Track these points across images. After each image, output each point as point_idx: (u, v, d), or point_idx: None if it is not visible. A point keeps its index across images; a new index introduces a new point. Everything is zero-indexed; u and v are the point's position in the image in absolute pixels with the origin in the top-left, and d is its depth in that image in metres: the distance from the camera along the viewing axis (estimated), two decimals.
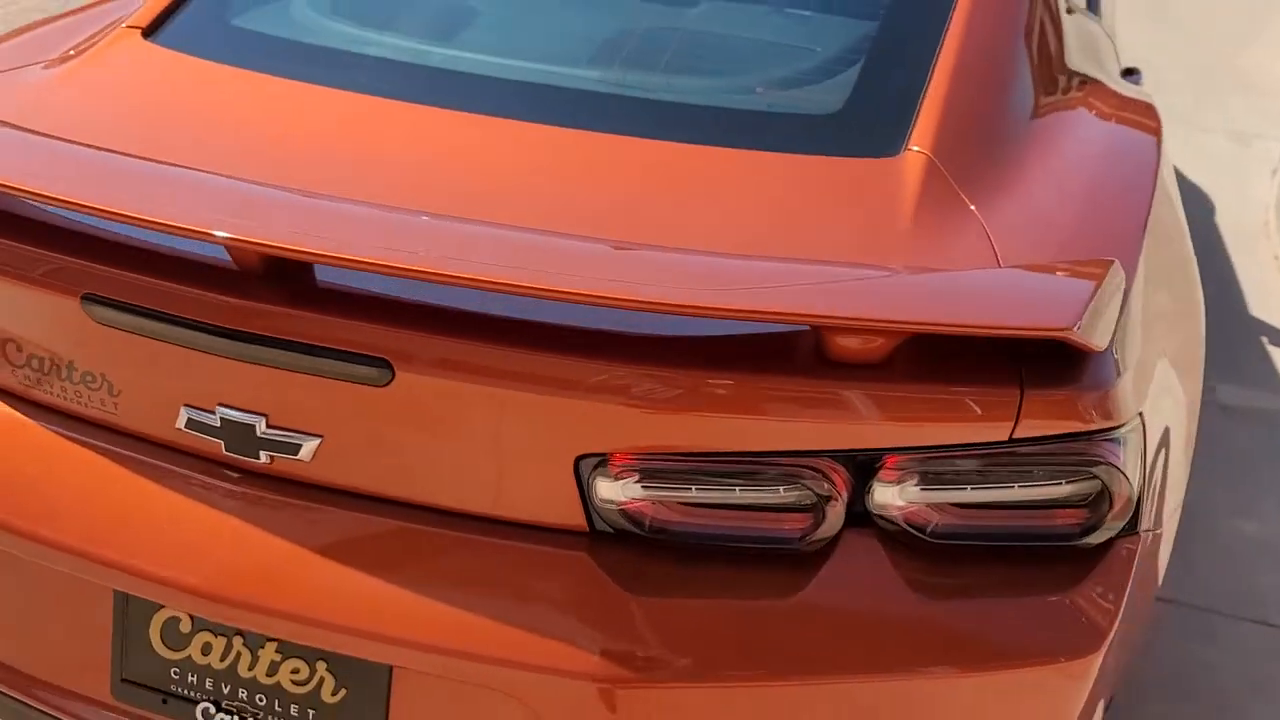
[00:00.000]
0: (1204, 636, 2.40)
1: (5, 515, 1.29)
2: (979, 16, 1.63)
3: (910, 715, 1.16)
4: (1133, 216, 1.43)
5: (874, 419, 1.10)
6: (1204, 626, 2.41)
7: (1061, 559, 1.19)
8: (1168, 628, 2.39)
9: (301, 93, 1.53)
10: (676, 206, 1.34)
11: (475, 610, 1.15)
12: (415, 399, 1.12)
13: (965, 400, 1.10)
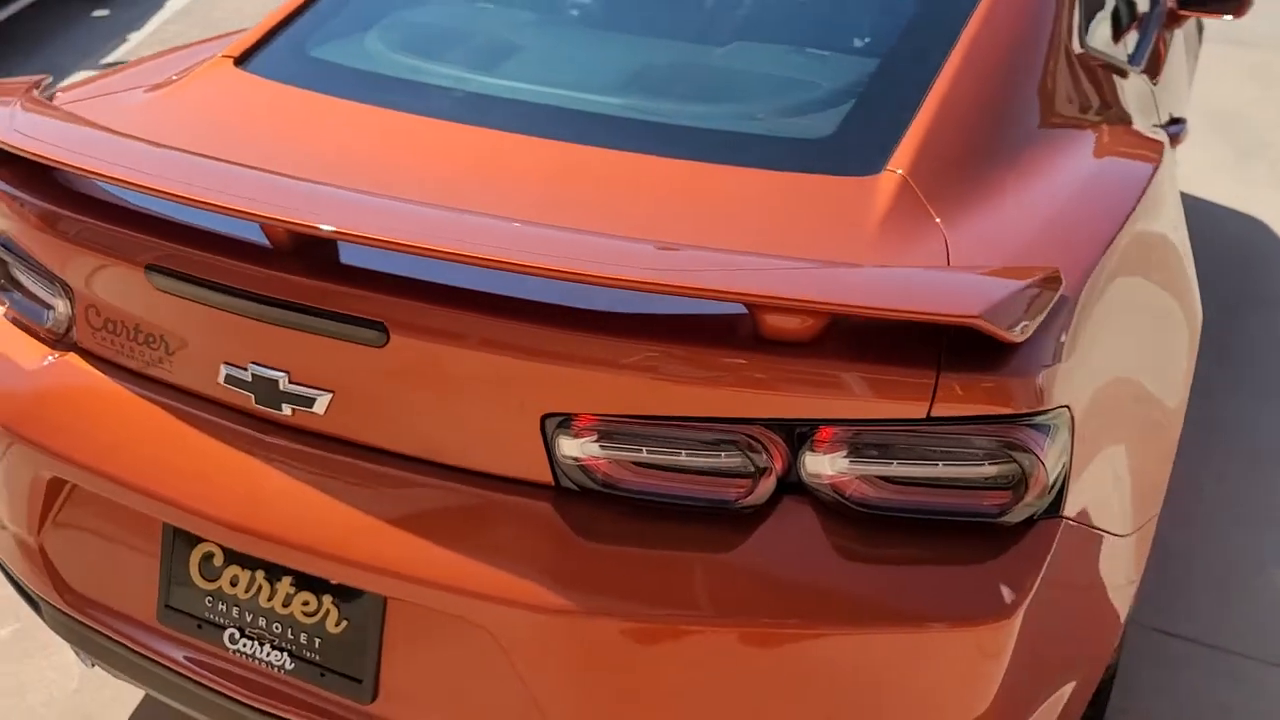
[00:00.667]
0: (1229, 680, 2.41)
1: (83, 455, 1.51)
2: (976, 58, 1.77)
3: (828, 668, 1.27)
4: (1097, 236, 1.54)
5: (802, 392, 1.24)
6: (1231, 670, 2.42)
7: (983, 535, 1.30)
8: (1193, 669, 2.41)
9: (358, 110, 1.76)
10: (668, 209, 1.51)
11: (453, 549, 1.32)
12: (406, 359, 1.31)
13: (885, 378, 1.23)
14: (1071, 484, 1.35)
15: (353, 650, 1.42)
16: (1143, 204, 1.71)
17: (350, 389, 1.36)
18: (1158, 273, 1.74)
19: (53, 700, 2.22)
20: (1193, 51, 3.78)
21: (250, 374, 1.39)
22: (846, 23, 1.96)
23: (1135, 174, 1.76)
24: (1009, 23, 1.86)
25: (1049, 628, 1.39)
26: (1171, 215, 1.88)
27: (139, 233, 1.42)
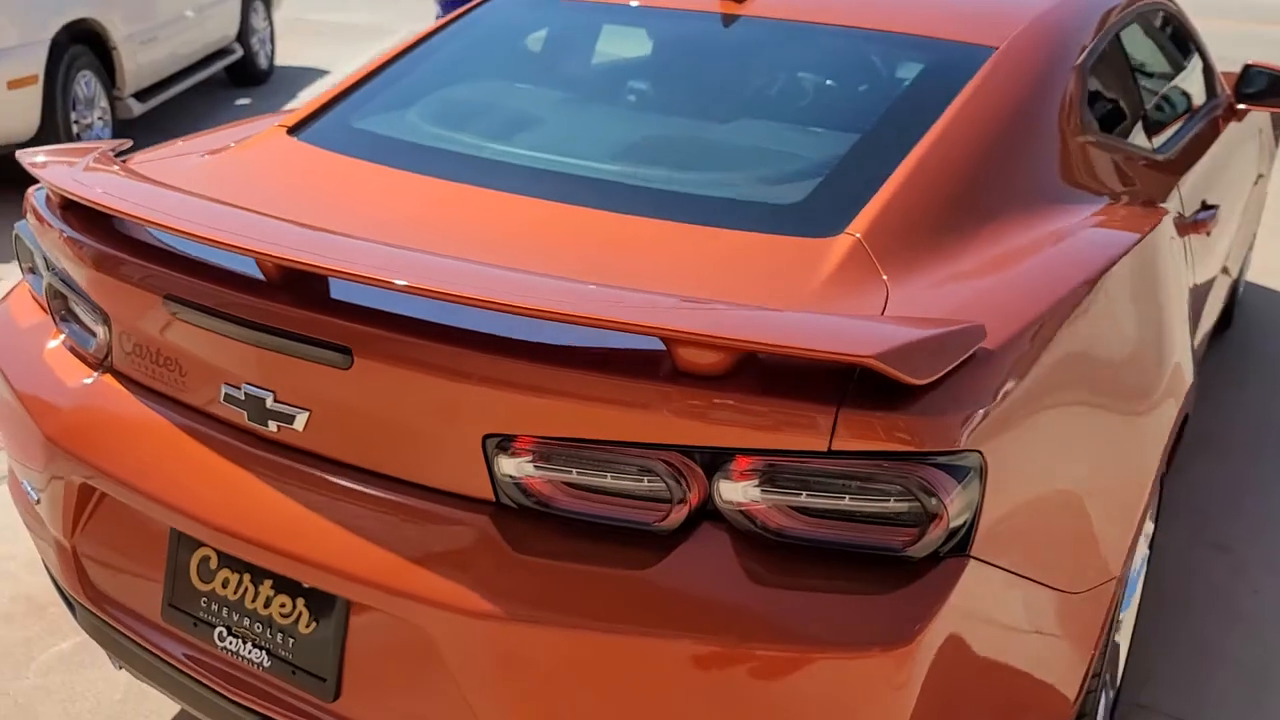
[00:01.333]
0: None
1: (108, 464, 1.70)
2: (949, 139, 1.88)
3: (733, 684, 1.35)
4: (1039, 301, 1.62)
5: (713, 422, 1.35)
6: None
7: (889, 568, 1.37)
8: None
9: (380, 171, 1.96)
10: (642, 263, 1.65)
11: (402, 556, 1.45)
12: (369, 381, 1.46)
13: (788, 411, 1.32)
14: (987, 527, 1.41)
15: (319, 650, 1.56)
16: (1110, 274, 1.77)
17: (324, 408, 1.52)
18: (1123, 337, 1.79)
19: (98, 708, 2.41)
20: (1264, 148, 3.77)
21: (244, 393, 1.57)
22: (835, 103, 2.09)
23: (1100, 247, 1.83)
24: (986, 109, 1.96)
25: (973, 671, 1.44)
26: (1152, 286, 1.92)
27: (161, 267, 1.62)
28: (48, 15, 5.61)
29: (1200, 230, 2.61)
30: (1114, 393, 1.74)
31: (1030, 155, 2.01)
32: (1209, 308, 3.31)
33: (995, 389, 1.44)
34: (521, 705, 1.41)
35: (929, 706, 1.39)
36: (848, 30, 2.23)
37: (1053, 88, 2.14)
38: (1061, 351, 1.61)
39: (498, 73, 2.41)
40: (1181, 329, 2.08)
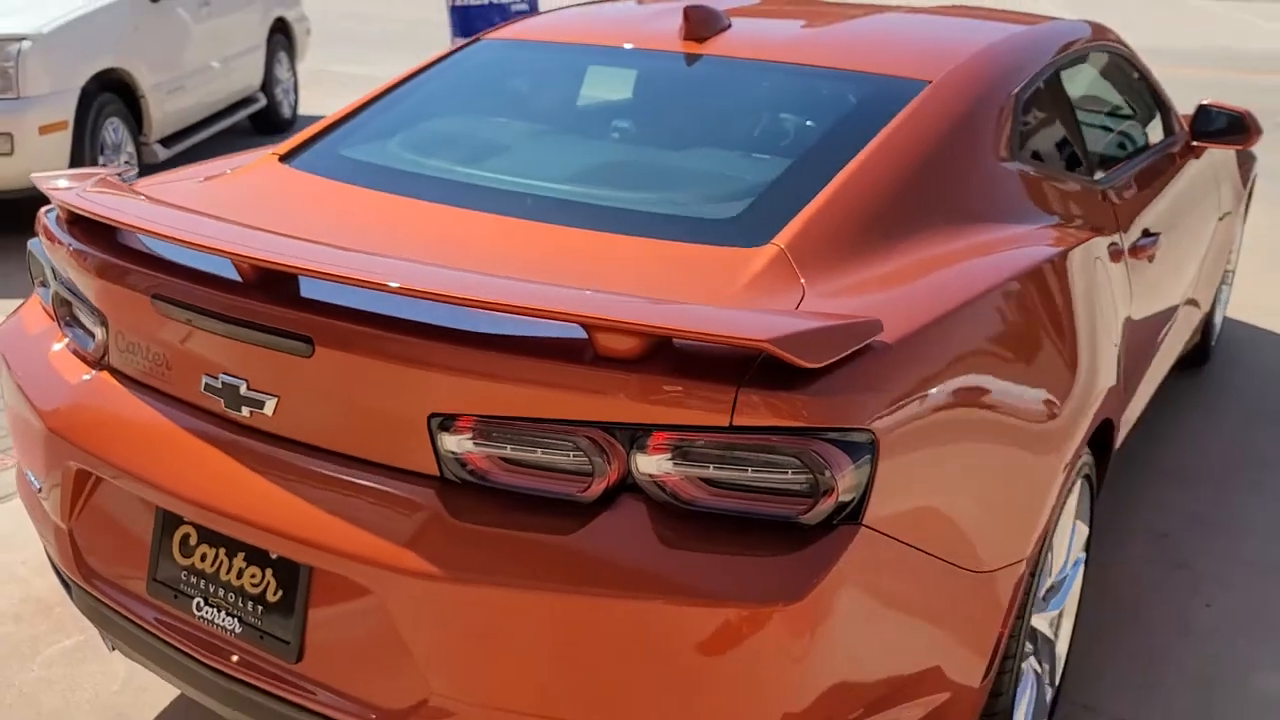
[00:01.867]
0: None
1: (103, 451, 1.88)
2: (874, 163, 2.06)
3: (645, 637, 1.50)
4: (942, 302, 1.78)
5: (628, 401, 1.51)
6: None
7: (787, 534, 1.52)
8: None
9: (361, 193, 2.15)
10: (586, 268, 1.82)
11: (356, 526, 1.62)
12: (328, 368, 1.64)
13: (693, 391, 1.49)
14: (881, 501, 1.55)
15: (284, 616, 1.72)
16: (1014, 285, 1.93)
17: (290, 394, 1.69)
18: (1026, 341, 1.94)
19: (96, 698, 2.57)
20: (1232, 187, 3.92)
21: (221, 382, 1.75)
22: (776, 132, 2.28)
23: (1009, 262, 1.99)
24: (913, 137, 2.14)
25: (872, 633, 1.58)
26: (1063, 298, 2.08)
27: (151, 270, 1.81)
28: (79, 65, 5.91)
29: (1141, 255, 2.76)
30: (1015, 391, 1.89)
31: (955, 179, 2.18)
32: (1172, 333, 3.45)
33: (889, 376, 1.59)
34: (460, 658, 1.57)
35: (826, 661, 1.53)
36: (795, 67, 2.42)
37: (983, 119, 2.31)
38: (961, 349, 1.77)
39: (470, 107, 2.61)
40: (1104, 339, 2.23)
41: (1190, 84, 12.05)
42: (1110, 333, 2.32)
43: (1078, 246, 2.23)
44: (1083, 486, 2.29)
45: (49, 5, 6.03)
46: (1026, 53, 2.58)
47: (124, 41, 6.31)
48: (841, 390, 1.52)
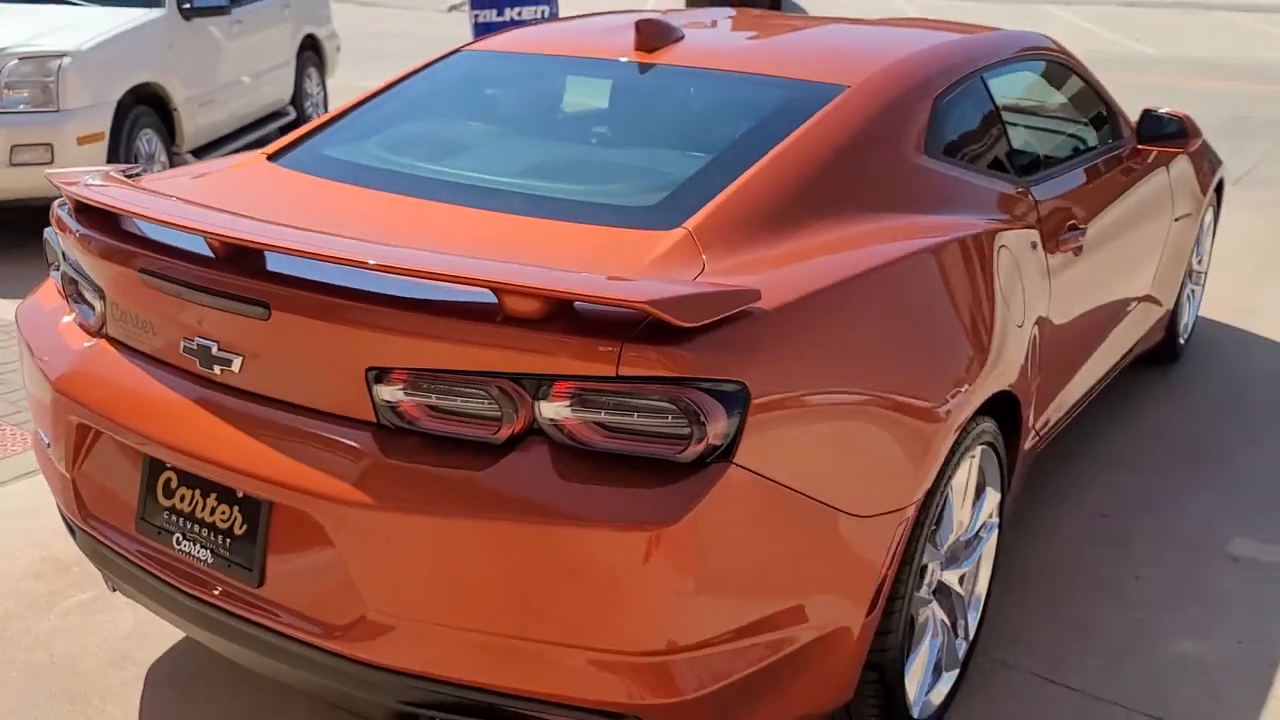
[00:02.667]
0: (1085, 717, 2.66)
1: (100, 406, 2.16)
2: (783, 159, 2.31)
3: (547, 555, 1.75)
4: (827, 278, 2.02)
5: (533, 355, 1.76)
6: (1097, 714, 2.68)
7: (666, 470, 1.76)
8: (1059, 708, 2.68)
9: (335, 187, 2.43)
10: (519, 247, 2.08)
11: (306, 465, 1.88)
12: (281, 329, 1.91)
13: (585, 345, 1.74)
14: (753, 443, 1.79)
15: (248, 546, 1.99)
16: (901, 264, 2.17)
17: (252, 353, 1.97)
18: (911, 312, 2.17)
19: (104, 643, 2.85)
20: (1182, 188, 4.11)
21: (196, 344, 2.03)
22: (704, 132, 2.53)
23: (903, 245, 2.23)
24: (824, 136, 2.39)
25: (749, 562, 1.82)
26: (954, 279, 2.31)
27: (140, 249, 2.10)
28: (115, 79, 6.27)
29: (1065, 248, 2.98)
30: (892, 358, 2.11)
31: (866, 174, 2.42)
32: (1124, 327, 3.66)
33: (764, 337, 1.84)
34: (391, 579, 1.83)
35: (700, 579, 1.77)
36: (730, 74, 2.68)
37: (898, 120, 2.55)
38: (840, 319, 2.01)
39: (441, 111, 2.89)
40: (1005, 320, 2.45)
41: (1223, 95, 12.17)
42: (1014, 314, 2.54)
43: (978, 234, 2.46)
44: (985, 453, 2.51)
45: (90, 24, 6.41)
46: (949, 61, 2.81)
47: (159, 58, 6.68)
48: (715, 347, 1.77)
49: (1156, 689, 2.75)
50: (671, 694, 1.82)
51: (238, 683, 2.70)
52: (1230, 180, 8.45)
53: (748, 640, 1.89)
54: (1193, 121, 3.71)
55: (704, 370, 1.75)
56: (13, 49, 5.91)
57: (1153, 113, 3.71)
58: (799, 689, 2.02)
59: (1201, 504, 3.66)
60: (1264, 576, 3.26)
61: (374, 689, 1.93)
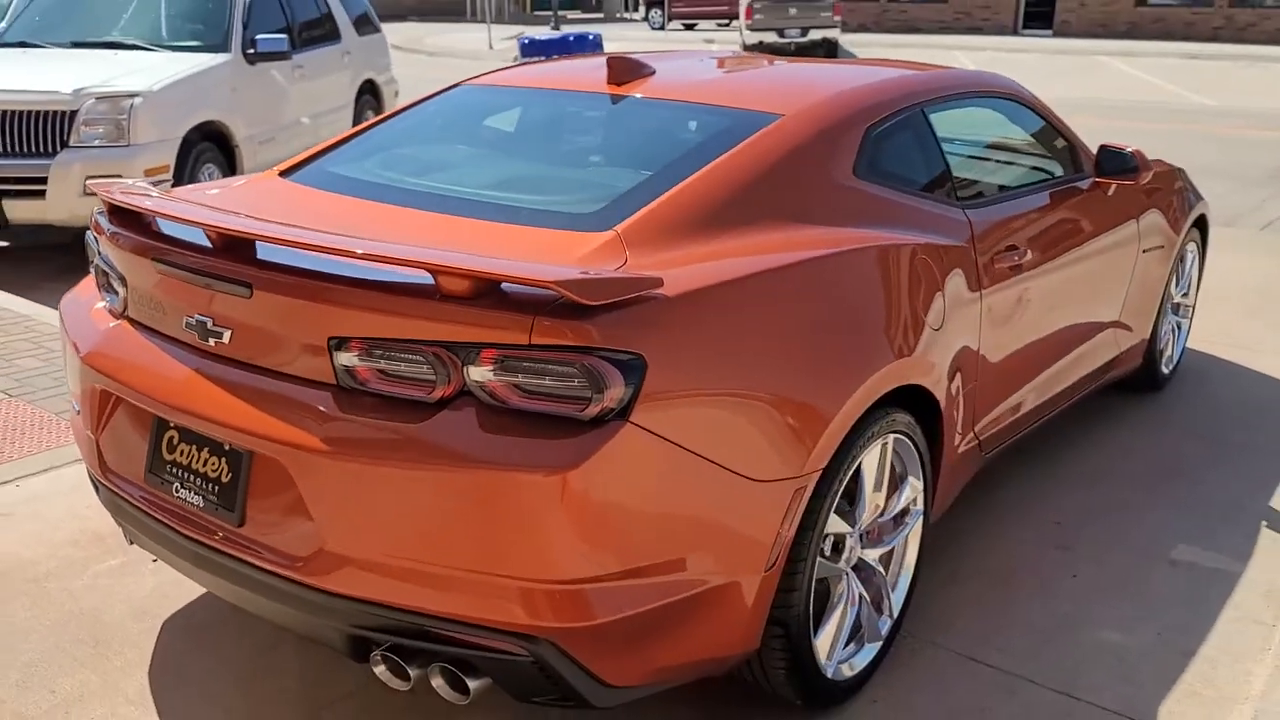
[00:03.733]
0: (1004, 692, 2.90)
1: (120, 372, 2.54)
2: (712, 176, 2.63)
3: (465, 495, 2.07)
4: (730, 273, 2.34)
5: (463, 327, 2.10)
6: (1010, 686, 2.92)
7: (572, 426, 2.08)
8: (976, 682, 2.92)
9: (331, 197, 2.81)
10: (472, 244, 2.43)
11: (279, 419, 2.24)
12: (261, 305, 2.27)
13: (504, 318, 2.07)
14: (650, 406, 2.11)
15: (232, 491, 2.34)
16: (807, 264, 2.48)
17: (238, 326, 2.34)
18: (808, 307, 2.47)
19: (128, 600, 3.23)
20: (1150, 220, 4.34)
21: (195, 320, 2.40)
22: (650, 151, 2.86)
23: (812, 251, 2.53)
24: (752, 158, 2.71)
25: (642, 511, 2.13)
26: (853, 282, 2.60)
27: (154, 242, 2.49)
28: (182, 118, 6.82)
29: (1001, 265, 3.25)
30: (787, 344, 2.38)
31: (791, 190, 2.73)
32: (1085, 350, 3.90)
33: (663, 317, 2.16)
34: (341, 513, 2.16)
35: (597, 519, 2.07)
36: (682, 104, 3.02)
37: (827, 145, 2.86)
38: (740, 307, 2.32)
39: (433, 135, 3.27)
40: (912, 320, 2.74)
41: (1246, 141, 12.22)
42: (930, 319, 2.82)
43: (895, 246, 2.75)
44: (900, 443, 2.78)
45: (161, 67, 6.99)
46: (885, 96, 3.13)
47: (223, 99, 7.23)
48: (615, 323, 2.09)
49: (1070, 670, 2.98)
50: (576, 620, 2.12)
51: (238, 635, 3.06)
52: (1258, 225, 8.58)
53: (647, 579, 2.19)
54: (1144, 156, 3.96)
55: (603, 341, 2.08)
56: (91, 89, 6.49)
57: (1109, 148, 3.96)
58: (700, 631, 2.31)
59: (1154, 516, 3.86)
60: (1199, 579, 3.46)
61: (331, 615, 2.26)
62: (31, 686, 2.85)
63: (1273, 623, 3.22)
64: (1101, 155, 3.97)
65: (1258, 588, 3.41)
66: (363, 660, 2.31)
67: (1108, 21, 29.38)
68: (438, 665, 2.24)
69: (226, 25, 7.60)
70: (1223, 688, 2.92)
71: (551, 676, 2.19)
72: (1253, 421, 4.70)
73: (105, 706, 2.77)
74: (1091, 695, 2.88)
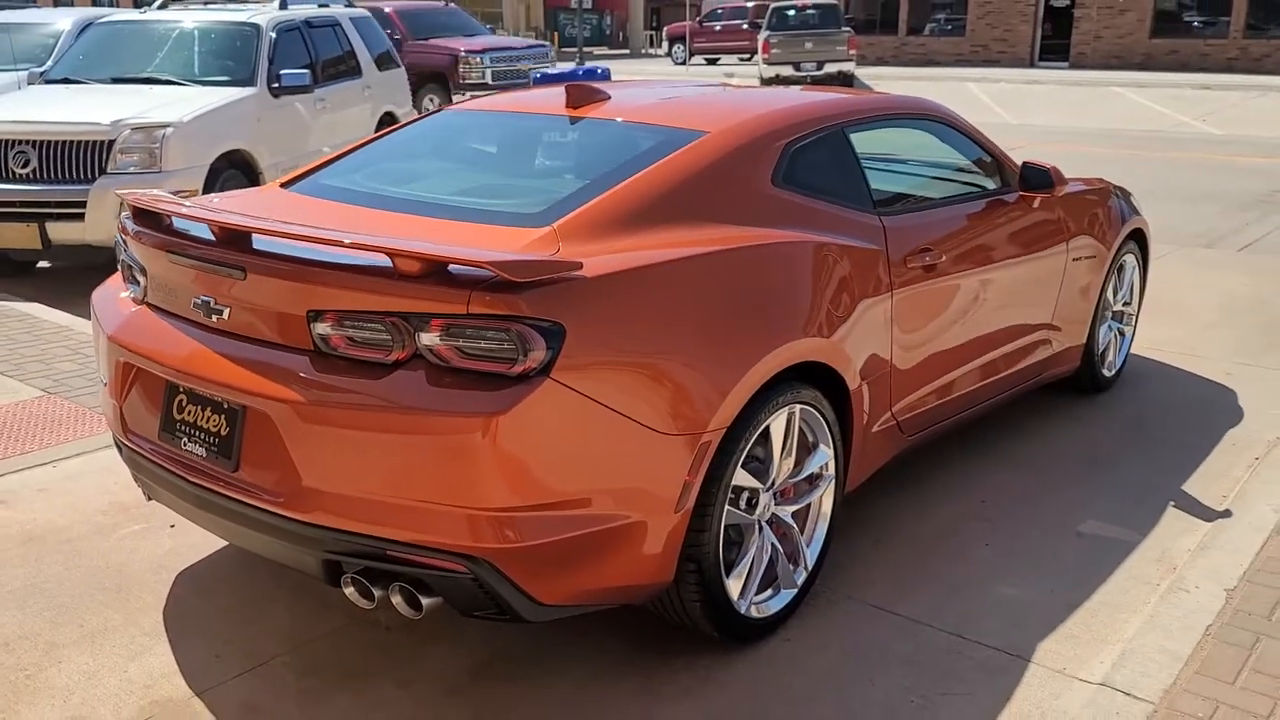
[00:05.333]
0: (903, 635, 3.31)
1: (140, 347, 3.03)
2: (643, 182, 3.10)
3: (415, 435, 2.53)
4: (644, 260, 2.79)
5: (411, 299, 2.57)
6: (909, 630, 3.32)
7: (502, 381, 2.54)
8: (881, 627, 3.33)
9: (320, 202, 3.30)
10: (431, 238, 2.91)
11: (266, 378, 2.71)
12: (253, 286, 2.76)
13: (447, 292, 2.54)
14: (568, 365, 2.56)
15: (229, 443, 2.81)
16: (715, 255, 2.94)
17: (235, 304, 2.82)
18: (712, 290, 2.91)
19: (149, 558, 3.71)
20: (1078, 231, 4.76)
21: (200, 300, 2.88)
22: (593, 162, 3.34)
23: (723, 245, 2.99)
24: (677, 168, 3.17)
25: (563, 455, 2.58)
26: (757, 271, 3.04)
27: (168, 237, 2.98)
28: (209, 146, 7.38)
29: (913, 266, 3.68)
30: (698, 320, 2.83)
31: (711, 195, 3.18)
32: (1012, 347, 4.31)
33: (580, 293, 2.61)
34: (316, 454, 2.62)
35: (522, 456, 2.51)
36: (624, 123, 3.49)
37: (746, 158, 3.32)
38: (650, 288, 2.77)
39: (414, 152, 3.76)
40: (814, 304, 3.17)
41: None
42: (839, 308, 3.26)
43: (802, 241, 3.20)
44: (808, 413, 3.22)
45: (192, 100, 7.56)
46: (805, 116, 3.58)
47: (248, 129, 7.80)
48: (539, 296, 2.55)
49: (966, 617, 3.38)
50: (507, 542, 2.57)
51: (237, 587, 3.52)
52: (1236, 246, 8.94)
53: (568, 511, 2.63)
54: (1059, 171, 4.38)
55: (529, 311, 2.54)
56: (127, 120, 7.06)
57: (1030, 165, 4.39)
58: (618, 560, 2.75)
59: (1073, 496, 4.25)
60: (1100, 548, 3.85)
61: (309, 543, 2.72)
62: (63, 622, 3.32)
63: (1158, 582, 3.61)
64: (1025, 172, 4.40)
65: (1152, 554, 3.80)
66: (335, 584, 2.77)
67: (1123, 53, 29.77)
68: (397, 585, 2.69)
69: (253, 62, 8.19)
70: (1098, 631, 3.32)
71: (489, 593, 2.63)
72: (1182, 419, 5.08)
73: (125, 636, 3.24)
74: (980, 637, 3.28)
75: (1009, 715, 2.93)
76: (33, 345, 5.95)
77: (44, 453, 4.54)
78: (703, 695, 3.00)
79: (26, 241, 7.01)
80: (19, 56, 9.67)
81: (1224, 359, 5.95)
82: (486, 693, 3.01)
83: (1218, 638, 3.24)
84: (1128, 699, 2.96)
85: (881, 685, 3.06)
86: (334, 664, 3.12)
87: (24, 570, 3.62)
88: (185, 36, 8.51)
